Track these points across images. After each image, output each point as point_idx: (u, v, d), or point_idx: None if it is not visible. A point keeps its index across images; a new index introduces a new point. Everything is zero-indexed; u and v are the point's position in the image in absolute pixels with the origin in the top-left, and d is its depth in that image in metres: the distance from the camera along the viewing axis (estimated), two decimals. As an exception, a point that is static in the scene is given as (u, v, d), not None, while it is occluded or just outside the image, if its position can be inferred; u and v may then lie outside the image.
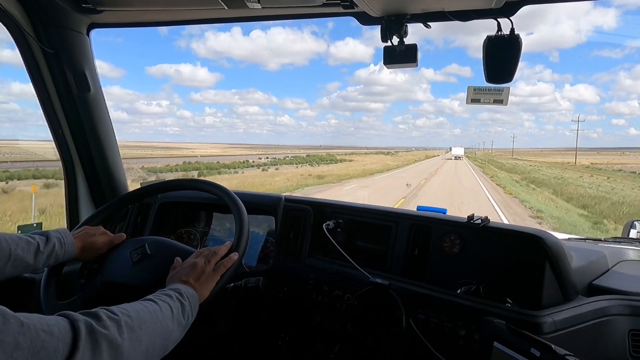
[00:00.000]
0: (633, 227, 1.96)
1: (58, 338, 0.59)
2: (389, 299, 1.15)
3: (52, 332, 0.59)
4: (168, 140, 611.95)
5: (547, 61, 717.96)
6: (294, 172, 34.34)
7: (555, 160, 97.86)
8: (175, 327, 0.83)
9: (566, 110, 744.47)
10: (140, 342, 0.72)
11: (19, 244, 1.01)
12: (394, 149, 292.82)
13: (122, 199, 1.43)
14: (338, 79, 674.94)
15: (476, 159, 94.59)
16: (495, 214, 12.65)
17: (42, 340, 0.57)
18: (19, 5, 1.40)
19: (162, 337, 0.78)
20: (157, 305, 0.82)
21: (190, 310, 0.89)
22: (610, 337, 1.06)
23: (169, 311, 0.83)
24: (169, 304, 0.84)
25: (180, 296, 0.89)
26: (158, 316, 0.79)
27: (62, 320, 0.62)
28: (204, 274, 1.00)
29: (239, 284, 1.27)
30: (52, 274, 1.18)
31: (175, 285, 0.93)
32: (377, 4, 1.19)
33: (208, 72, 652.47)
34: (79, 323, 0.63)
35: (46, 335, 0.58)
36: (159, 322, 0.78)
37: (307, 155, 71.85)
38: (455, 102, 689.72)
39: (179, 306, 0.86)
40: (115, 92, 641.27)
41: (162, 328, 0.79)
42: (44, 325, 0.59)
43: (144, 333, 0.73)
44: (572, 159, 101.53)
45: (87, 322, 0.65)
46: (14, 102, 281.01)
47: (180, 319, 0.85)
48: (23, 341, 0.55)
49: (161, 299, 0.84)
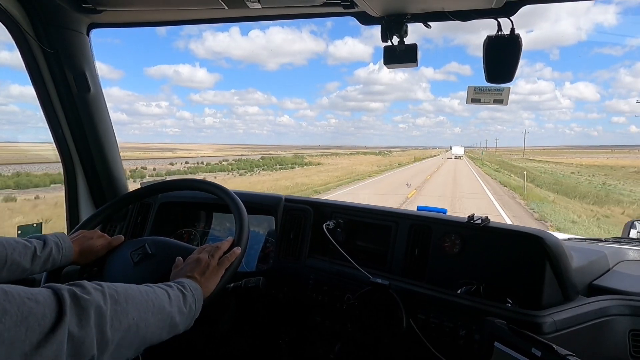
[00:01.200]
0: (633, 227, 1.96)
1: (44, 305, 0.60)
2: (389, 299, 1.15)
3: (37, 300, 0.59)
4: (168, 141, 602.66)
5: (547, 59, 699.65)
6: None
7: (570, 160, 78.33)
8: (176, 313, 0.83)
9: (566, 108, 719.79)
10: (127, 315, 0.72)
11: (16, 248, 1.00)
12: (393, 148, 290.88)
13: (122, 199, 1.43)
14: (337, 78, 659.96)
15: (482, 160, 68.51)
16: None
17: (28, 307, 0.57)
18: (19, 5, 1.40)
19: (156, 317, 0.78)
20: (150, 288, 0.82)
21: (194, 302, 0.89)
22: (610, 337, 1.06)
23: (165, 295, 0.83)
24: (166, 290, 0.84)
25: (182, 287, 0.89)
26: (150, 296, 0.79)
27: (46, 290, 0.63)
28: (208, 268, 1.01)
29: (239, 284, 1.26)
30: (50, 279, 1.17)
31: (178, 280, 0.94)
32: (377, 4, 1.19)
33: (207, 73, 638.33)
34: (63, 291, 0.64)
35: (32, 303, 0.58)
36: (150, 301, 0.78)
37: (261, 158, 62.32)
38: (455, 101, 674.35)
39: (179, 295, 0.86)
40: (114, 94, 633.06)
41: (155, 308, 0.78)
42: (28, 293, 0.59)
43: (131, 307, 0.73)
44: (579, 158, 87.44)
45: (70, 290, 0.65)
46: (13, 104, 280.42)
47: (182, 307, 0.85)
48: (10, 307, 0.55)
49: (158, 286, 0.85)
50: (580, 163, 65.06)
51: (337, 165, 49.80)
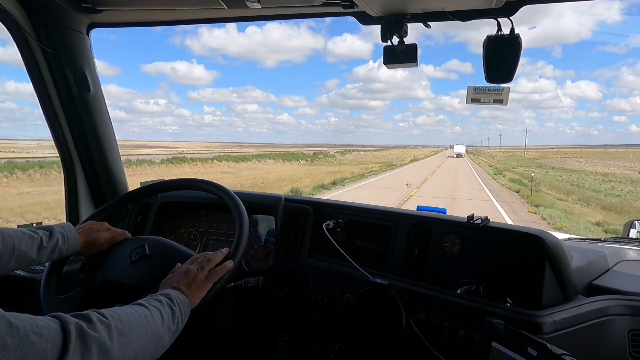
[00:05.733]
0: (633, 226, 1.96)
1: (47, 340, 0.58)
2: (389, 299, 1.15)
3: (41, 334, 0.58)
4: (168, 139, 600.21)
5: (549, 57, 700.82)
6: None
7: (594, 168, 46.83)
8: (166, 333, 0.83)
9: (567, 107, 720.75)
10: (130, 347, 0.72)
11: (23, 238, 1.01)
12: (391, 147, 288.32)
13: (123, 198, 1.43)
14: (336, 76, 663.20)
15: (497, 167, 44.42)
16: None
17: (31, 342, 0.56)
18: (19, 5, 1.40)
19: (152, 342, 0.78)
20: (147, 310, 0.81)
21: (181, 317, 0.88)
22: (610, 337, 1.07)
23: (159, 317, 0.82)
24: (160, 310, 0.84)
25: (171, 302, 0.88)
26: (148, 321, 0.79)
27: (53, 322, 0.62)
28: (195, 281, 0.99)
29: (239, 284, 1.27)
30: (54, 268, 1.18)
31: (166, 291, 0.93)
32: (377, 4, 1.19)
33: (204, 70, 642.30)
34: (70, 325, 0.63)
35: (35, 337, 0.57)
36: (149, 327, 0.78)
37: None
38: (455, 100, 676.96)
39: (169, 312, 0.86)
40: (111, 91, 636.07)
41: (152, 333, 0.78)
42: (33, 326, 0.58)
43: (134, 337, 0.73)
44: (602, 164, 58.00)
45: (77, 325, 0.64)
46: (10, 101, 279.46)
47: (171, 324, 0.84)
48: (11, 342, 0.54)
49: (152, 304, 0.84)
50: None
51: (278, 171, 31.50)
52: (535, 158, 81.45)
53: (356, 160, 58.09)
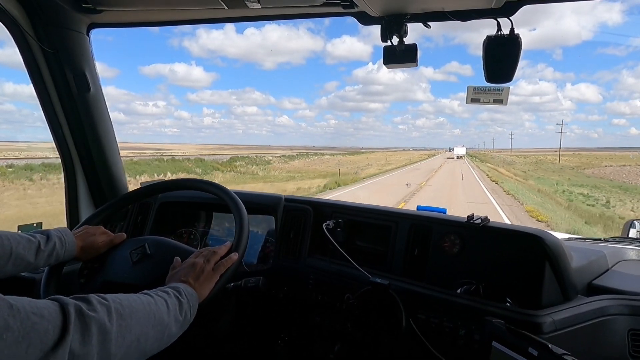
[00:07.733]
0: (633, 226, 1.96)
1: (48, 320, 0.59)
2: (389, 298, 1.15)
3: (42, 315, 0.59)
4: (167, 141, 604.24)
5: (549, 59, 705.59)
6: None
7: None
8: (172, 323, 0.83)
9: (567, 110, 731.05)
10: (130, 331, 0.72)
11: (20, 242, 1.01)
12: (391, 149, 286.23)
13: (122, 198, 1.43)
14: (336, 78, 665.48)
15: (518, 177, 34.08)
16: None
17: (32, 323, 0.57)
18: (19, 5, 1.40)
19: (155, 329, 0.78)
20: (151, 298, 0.82)
21: (189, 309, 0.89)
22: (609, 336, 1.07)
23: (164, 305, 0.82)
24: (165, 299, 0.84)
25: (178, 294, 0.88)
26: (152, 308, 0.79)
27: (52, 304, 0.63)
28: (203, 274, 1.00)
29: (239, 284, 1.27)
30: (52, 273, 1.18)
31: (174, 284, 0.93)
32: (377, 4, 1.19)
33: (203, 72, 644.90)
34: (69, 306, 0.64)
35: (36, 318, 0.58)
36: (152, 313, 0.78)
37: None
38: (455, 102, 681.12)
39: (176, 302, 0.86)
40: (110, 93, 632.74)
41: (155, 320, 0.78)
42: (33, 307, 0.59)
43: (135, 322, 0.73)
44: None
45: (76, 306, 0.65)
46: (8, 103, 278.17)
47: (177, 315, 0.84)
48: (13, 323, 0.55)
49: (157, 294, 0.84)
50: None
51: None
52: (578, 166, 53.62)
53: (298, 170, 41.81)
